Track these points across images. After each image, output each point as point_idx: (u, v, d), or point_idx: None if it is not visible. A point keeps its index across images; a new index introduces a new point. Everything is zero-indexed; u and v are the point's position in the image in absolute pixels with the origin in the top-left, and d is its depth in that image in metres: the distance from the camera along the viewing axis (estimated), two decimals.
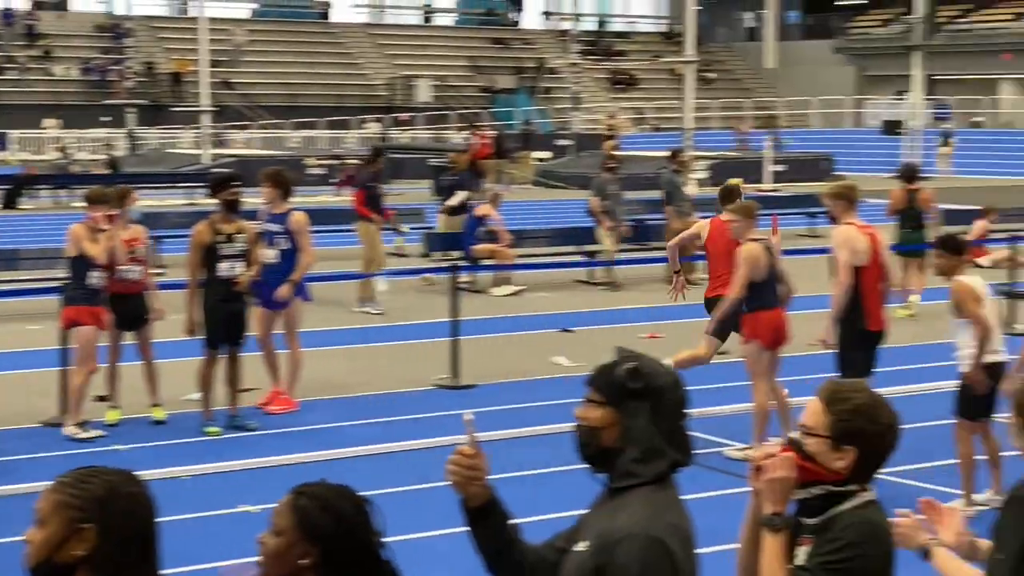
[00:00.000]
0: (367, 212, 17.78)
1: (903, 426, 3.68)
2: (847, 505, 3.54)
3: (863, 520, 3.52)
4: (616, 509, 3.43)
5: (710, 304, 11.38)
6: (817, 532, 3.55)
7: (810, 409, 3.62)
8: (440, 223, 20.66)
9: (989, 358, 8.71)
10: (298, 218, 11.84)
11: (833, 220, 10.37)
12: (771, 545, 3.56)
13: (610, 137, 38.11)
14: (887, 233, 16.79)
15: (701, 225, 12.03)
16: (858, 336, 9.86)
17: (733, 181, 21.15)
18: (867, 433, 3.53)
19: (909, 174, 17.57)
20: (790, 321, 10.45)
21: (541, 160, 43.97)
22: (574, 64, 53.61)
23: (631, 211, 22.08)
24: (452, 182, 20.70)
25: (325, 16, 68.39)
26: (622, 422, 3.46)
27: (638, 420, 3.45)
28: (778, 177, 38.81)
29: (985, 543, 4.06)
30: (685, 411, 3.53)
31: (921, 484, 8.98)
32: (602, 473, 3.53)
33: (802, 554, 3.56)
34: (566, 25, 64.67)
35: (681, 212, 19.81)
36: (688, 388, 3.57)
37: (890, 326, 10.25)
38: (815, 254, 15.47)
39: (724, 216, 11.45)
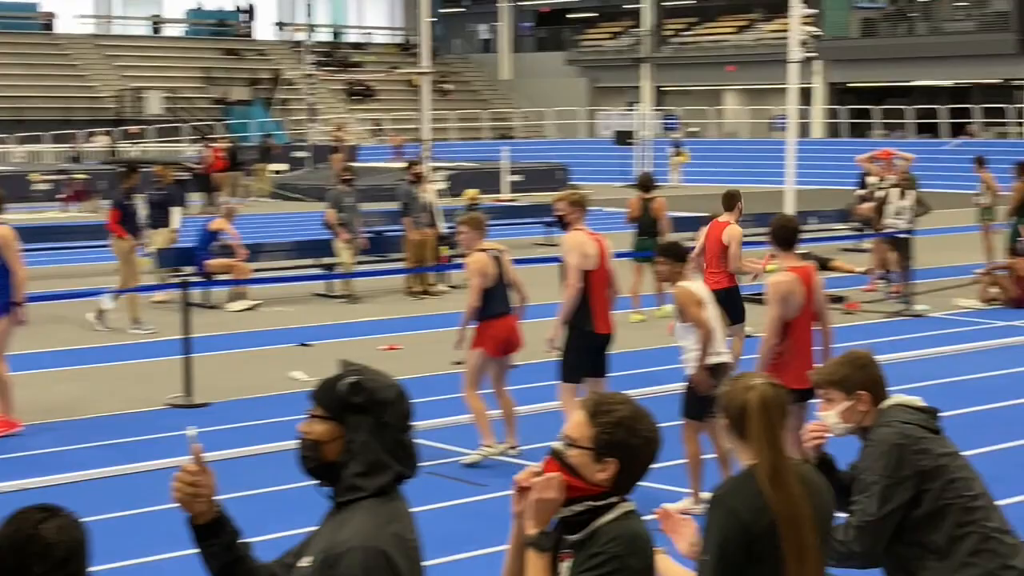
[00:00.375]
0: (120, 230, 17.20)
1: None
2: (607, 517, 3.55)
3: (624, 532, 3.53)
4: (341, 523, 3.43)
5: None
6: (578, 547, 3.56)
7: (574, 420, 3.63)
8: (153, 239, 19.58)
9: (712, 359, 8.99)
10: (1, 233, 11.38)
11: (564, 226, 10.53)
12: (536, 563, 3.56)
13: (336, 150, 37.87)
14: (626, 240, 17.28)
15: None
16: (585, 339, 10.05)
17: (469, 192, 21.41)
18: (629, 445, 3.55)
19: (646, 183, 18.11)
20: (520, 329, 10.54)
21: (278, 172, 43.49)
22: (309, 75, 52.95)
23: (369, 223, 22.02)
24: (161, 197, 19.57)
25: (49, 27, 66.03)
26: (344, 436, 3.46)
27: (360, 434, 3.46)
28: (515, 187, 39.38)
29: None
30: (410, 423, 3.53)
31: (656, 485, 9.17)
32: (328, 487, 3.53)
33: (564, 570, 3.56)
34: (300, 36, 64.03)
35: (419, 223, 19.85)
36: (415, 400, 3.57)
37: (618, 330, 10.46)
38: (552, 262, 15.69)
39: (722, 218, 13.98)
